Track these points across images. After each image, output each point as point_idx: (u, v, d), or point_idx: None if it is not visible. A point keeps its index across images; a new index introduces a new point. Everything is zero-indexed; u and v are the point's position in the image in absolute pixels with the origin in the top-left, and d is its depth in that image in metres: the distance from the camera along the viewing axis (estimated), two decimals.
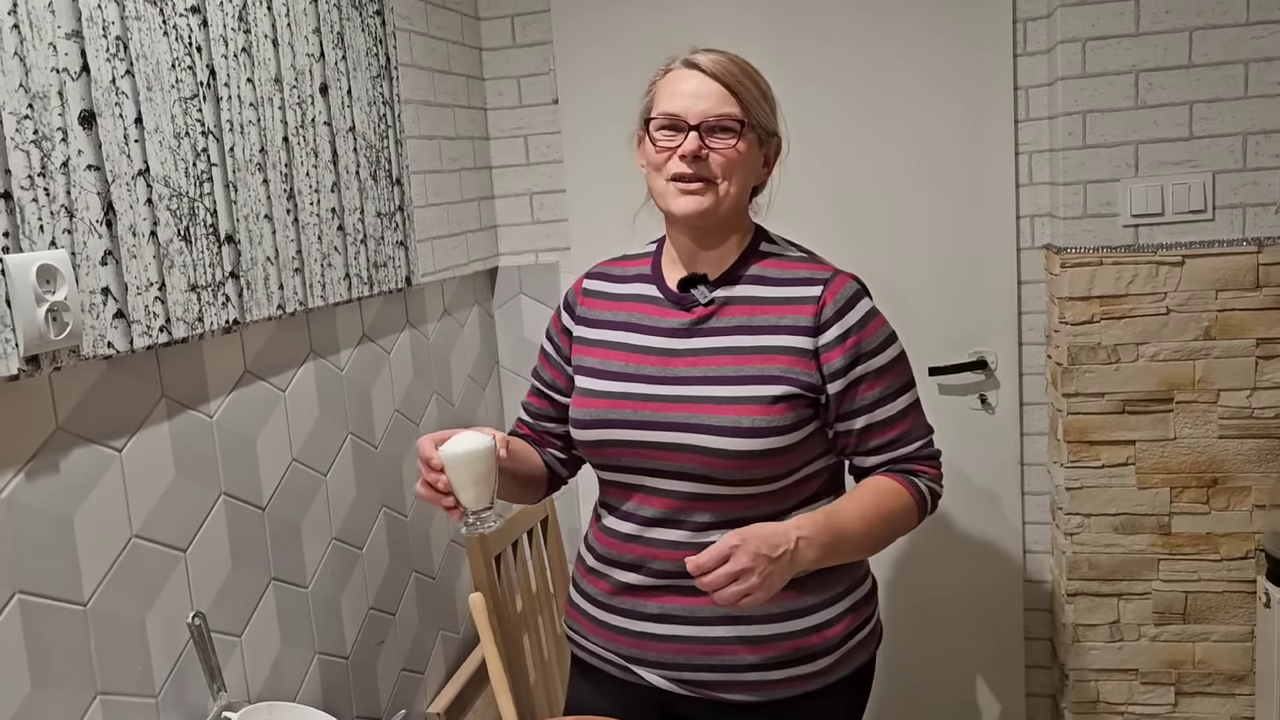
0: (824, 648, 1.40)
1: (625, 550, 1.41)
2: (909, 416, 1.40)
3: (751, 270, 1.40)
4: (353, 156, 1.81)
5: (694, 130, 1.32)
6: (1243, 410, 2.09)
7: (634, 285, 1.47)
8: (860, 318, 1.35)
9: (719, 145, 1.32)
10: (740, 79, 1.34)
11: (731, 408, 1.32)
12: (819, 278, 1.37)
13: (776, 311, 1.36)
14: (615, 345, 1.43)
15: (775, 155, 1.42)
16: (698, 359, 1.37)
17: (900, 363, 1.39)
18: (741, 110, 1.33)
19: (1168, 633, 2.19)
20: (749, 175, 1.38)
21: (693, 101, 1.32)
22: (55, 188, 1.14)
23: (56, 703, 1.16)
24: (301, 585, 1.66)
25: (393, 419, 2.00)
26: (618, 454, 1.40)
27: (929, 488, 1.42)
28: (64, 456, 1.19)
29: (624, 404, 1.38)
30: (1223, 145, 2.02)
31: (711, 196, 1.34)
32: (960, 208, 2.31)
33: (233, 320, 1.45)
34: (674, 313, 1.41)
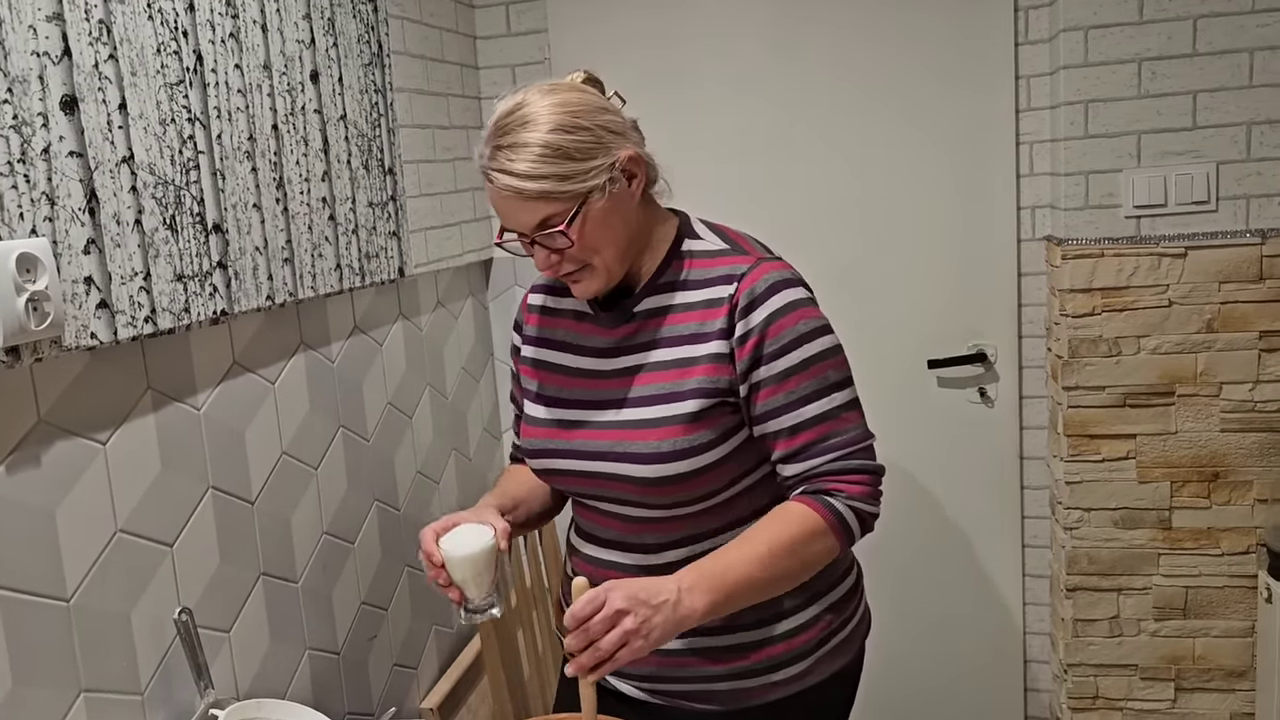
0: (797, 654, 1.34)
1: (588, 570, 1.39)
2: (824, 424, 1.25)
3: (672, 275, 1.31)
4: (344, 145, 1.78)
5: (532, 243, 1.24)
6: (1245, 404, 2.07)
7: (558, 297, 1.42)
8: (767, 315, 1.23)
9: (559, 244, 1.22)
10: (537, 172, 1.18)
11: (651, 431, 1.26)
12: (736, 273, 1.26)
13: (696, 317, 1.27)
14: (551, 367, 1.39)
15: (633, 164, 1.24)
16: (621, 380, 1.31)
17: (814, 364, 1.25)
18: (557, 204, 1.20)
19: (1168, 628, 2.18)
20: (619, 231, 1.25)
21: (508, 218, 1.24)
22: (35, 174, 1.11)
23: (39, 701, 1.14)
24: (292, 580, 1.64)
25: (385, 411, 1.98)
26: (562, 481, 1.38)
27: (850, 507, 1.24)
28: (46, 449, 1.16)
29: (559, 433, 1.34)
30: (1226, 135, 2.00)
31: (594, 277, 1.27)
32: (960, 198, 2.28)
33: (220, 311, 1.43)
34: (600, 330, 1.35)
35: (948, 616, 2.43)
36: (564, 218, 1.21)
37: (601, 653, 1.11)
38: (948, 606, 2.42)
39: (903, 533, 2.39)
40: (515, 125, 1.21)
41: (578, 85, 1.28)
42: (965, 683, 2.45)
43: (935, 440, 2.37)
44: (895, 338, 2.36)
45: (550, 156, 1.19)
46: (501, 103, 1.25)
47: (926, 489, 2.40)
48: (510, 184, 1.19)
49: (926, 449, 2.38)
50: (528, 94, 1.24)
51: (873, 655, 2.46)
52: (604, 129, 1.23)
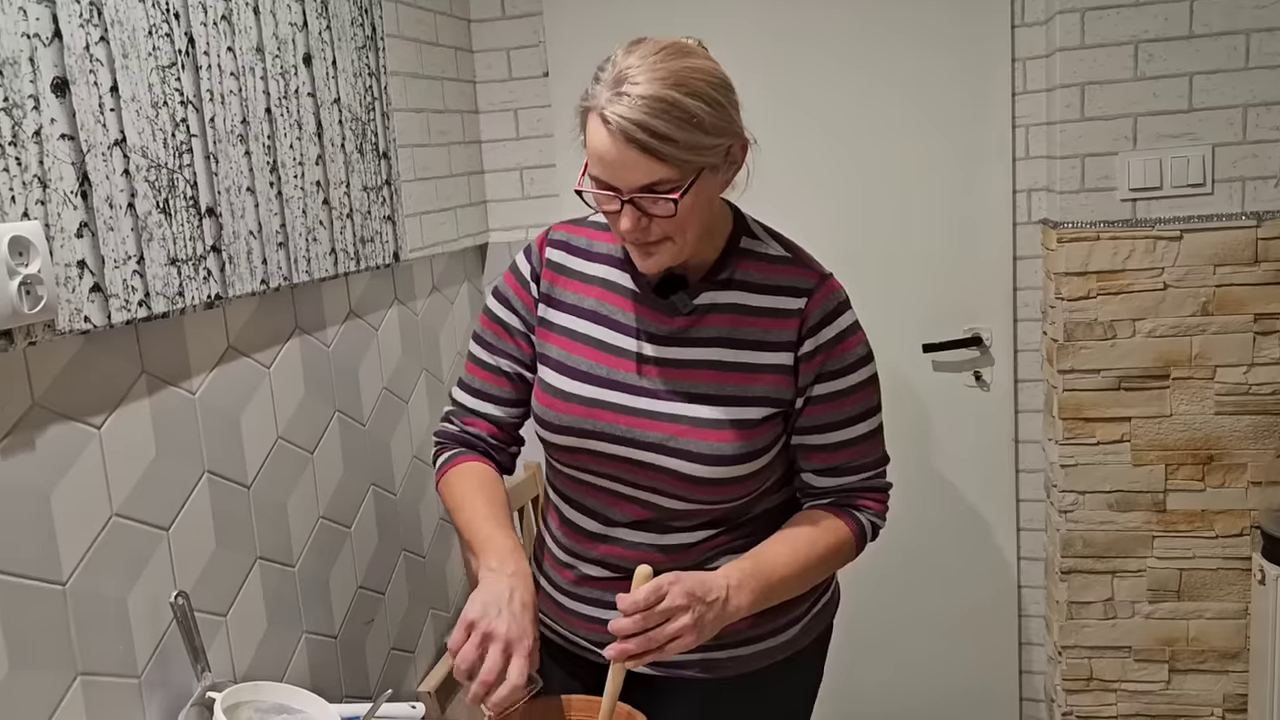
0: (787, 620, 1.38)
1: (590, 547, 1.36)
2: (863, 444, 1.31)
3: (734, 273, 1.28)
4: (338, 129, 1.77)
5: (628, 203, 1.15)
6: (1239, 386, 2.07)
7: (603, 267, 1.33)
8: (835, 335, 1.27)
9: (660, 211, 1.15)
10: (662, 131, 1.11)
11: (714, 432, 1.25)
12: (804, 286, 1.27)
13: (761, 324, 1.27)
14: (583, 338, 1.32)
15: (742, 153, 1.24)
16: (677, 371, 1.27)
17: (865, 388, 1.30)
18: (674, 169, 1.13)
19: (1161, 610, 2.19)
20: (706, 212, 1.22)
21: (615, 171, 1.14)
22: (27, 157, 1.11)
23: (36, 683, 1.14)
24: (288, 564, 1.64)
25: (381, 396, 1.97)
26: (588, 461, 1.32)
27: (870, 523, 1.33)
28: (40, 433, 1.16)
29: (598, 413, 1.28)
30: (1222, 117, 2.00)
31: (670, 253, 1.21)
32: (956, 182, 2.28)
33: (215, 295, 1.42)
34: (652, 314, 1.29)
35: (942, 599, 2.44)
36: (676, 186, 1.14)
37: (654, 643, 1.11)
38: (943, 589, 2.43)
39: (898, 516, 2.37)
40: (649, 77, 1.11)
41: (708, 55, 1.21)
42: (960, 665, 2.46)
43: (931, 424, 2.38)
44: (891, 321, 2.36)
45: (685, 120, 1.11)
46: (624, 52, 1.16)
47: (922, 473, 2.40)
48: (638, 136, 1.10)
49: (922, 433, 2.38)
50: (656, 50, 1.15)
51: (867, 639, 2.48)
52: (733, 108, 1.19)
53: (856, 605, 2.46)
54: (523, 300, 1.36)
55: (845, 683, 2.50)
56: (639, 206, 1.16)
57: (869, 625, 2.48)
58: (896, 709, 2.49)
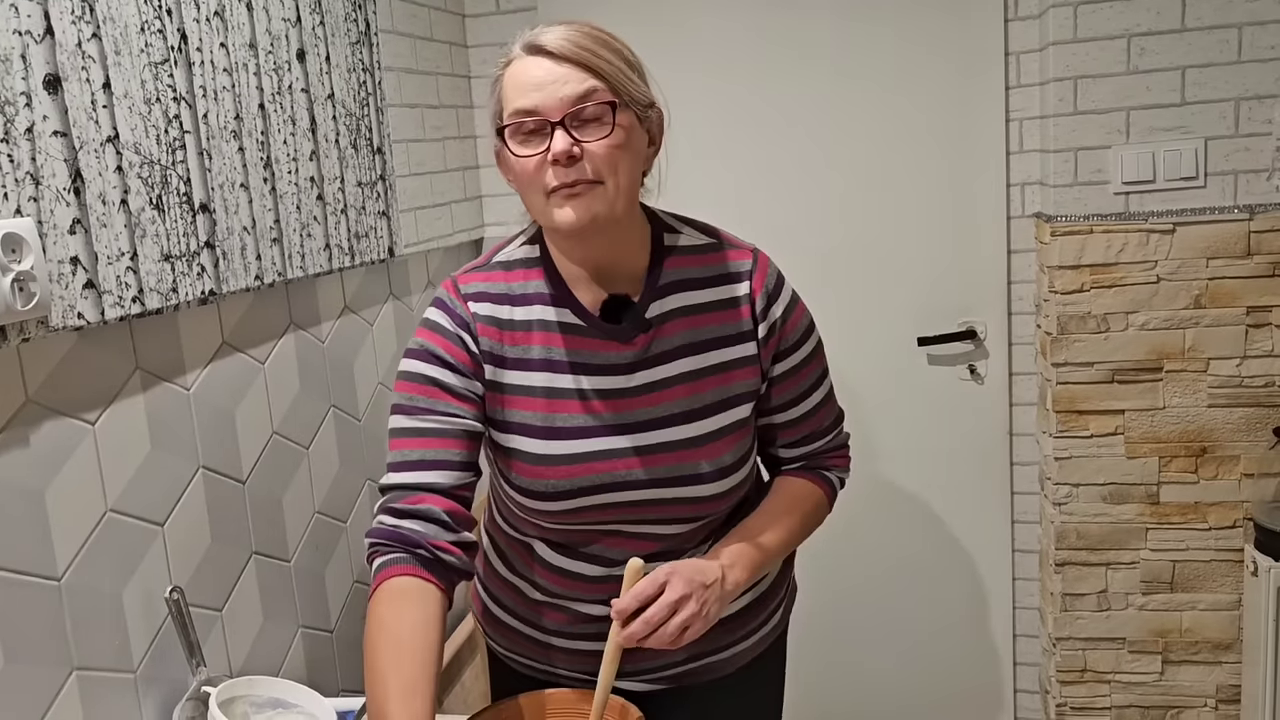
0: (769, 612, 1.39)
1: (590, 590, 1.28)
2: (823, 409, 1.33)
3: (670, 275, 1.22)
4: (332, 124, 1.78)
5: (559, 126, 1.09)
6: (1232, 379, 2.08)
7: (534, 308, 1.21)
8: (782, 312, 1.26)
9: (593, 137, 1.10)
10: (598, 51, 1.11)
11: (713, 446, 1.22)
12: (741, 269, 1.25)
13: (716, 319, 1.23)
14: (544, 391, 1.20)
15: (659, 130, 1.20)
16: (653, 395, 1.21)
17: (816, 355, 1.31)
18: (609, 88, 1.11)
19: (1155, 602, 2.20)
20: (635, 162, 1.16)
21: (548, 91, 1.10)
22: (19, 154, 1.11)
23: (31, 679, 1.14)
24: (284, 559, 1.65)
25: (376, 391, 1.98)
26: (588, 517, 1.23)
27: (839, 478, 1.37)
28: (34, 429, 1.16)
29: (591, 467, 1.19)
30: (1215, 111, 2.00)
31: (601, 199, 1.12)
32: (950, 176, 2.28)
33: (209, 291, 1.42)
34: (606, 344, 1.20)
35: (937, 591, 2.44)
36: (610, 99, 1.11)
37: (666, 638, 1.10)
38: (937, 581, 2.44)
39: (892, 510, 2.41)
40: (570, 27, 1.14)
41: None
42: (955, 656, 2.47)
43: (925, 417, 2.38)
44: (885, 315, 2.36)
45: (612, 50, 1.13)
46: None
47: (916, 466, 2.41)
48: (579, 43, 1.11)
49: (916, 426, 2.39)
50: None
51: (862, 632, 2.49)
52: (647, 73, 1.19)
53: (851, 598, 2.48)
54: (458, 357, 1.20)
55: (840, 675, 2.51)
56: (571, 133, 1.10)
57: (863, 617, 2.48)
58: (891, 700, 2.50)
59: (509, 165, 1.16)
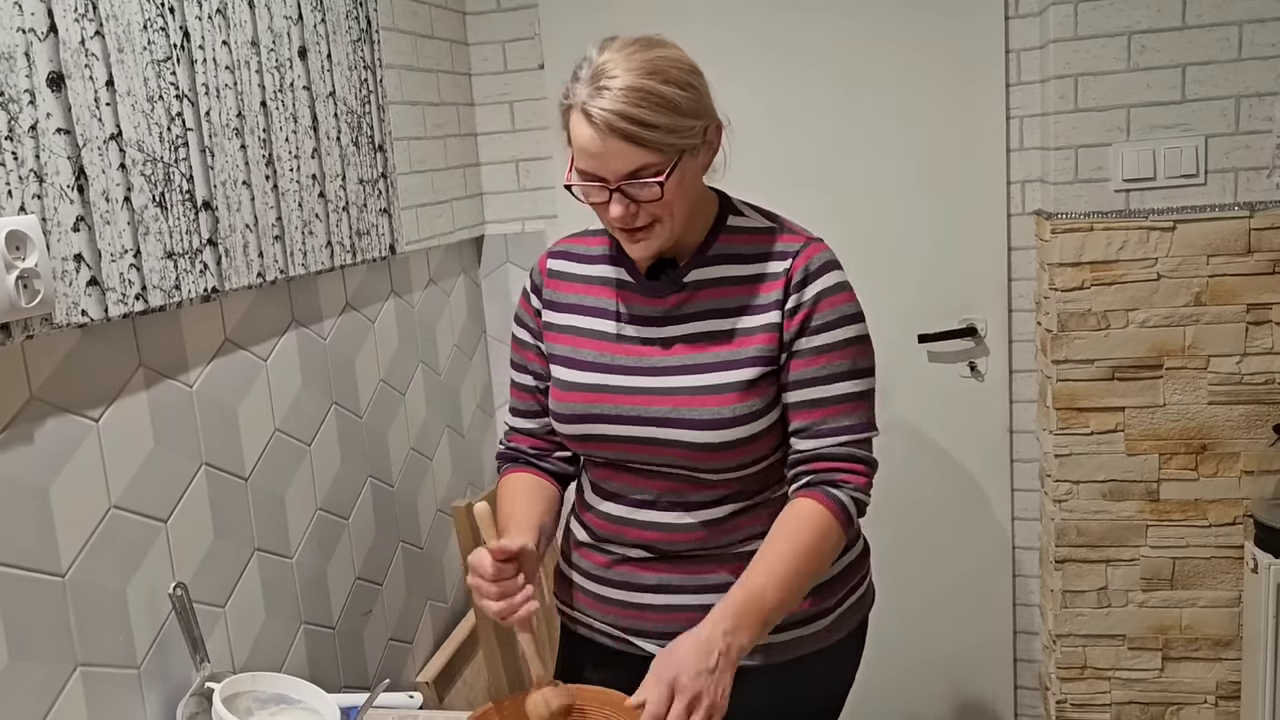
0: (820, 610, 1.40)
1: (617, 531, 1.39)
2: (843, 405, 1.30)
3: (721, 249, 1.33)
4: (333, 122, 1.78)
5: (615, 191, 1.21)
6: (1232, 376, 2.08)
7: (599, 266, 1.39)
8: (818, 291, 1.29)
9: (647, 195, 1.21)
10: (642, 119, 1.17)
11: (712, 398, 1.28)
12: (790, 250, 1.31)
13: (749, 290, 1.31)
14: (586, 332, 1.37)
15: (717, 135, 1.29)
16: (673, 348, 1.32)
17: (848, 346, 1.30)
18: (657, 154, 1.19)
19: (1155, 598, 2.20)
20: (693, 191, 1.27)
21: (600, 161, 1.20)
22: (24, 151, 1.11)
23: (36, 674, 1.15)
24: (286, 556, 1.65)
25: (378, 389, 1.98)
26: (601, 447, 1.36)
27: (854, 499, 1.29)
28: (39, 426, 1.17)
29: (603, 397, 1.33)
30: (1215, 108, 2.00)
31: (660, 236, 1.26)
32: (951, 173, 2.28)
33: (211, 288, 1.43)
34: (646, 299, 1.34)
35: (938, 589, 2.45)
36: (660, 169, 1.19)
37: None
38: (938, 579, 2.44)
39: (893, 506, 2.40)
40: (625, 69, 1.17)
41: (675, 45, 1.26)
42: (956, 653, 2.47)
43: (925, 414, 2.39)
44: (886, 312, 2.35)
45: (663, 106, 1.17)
46: (598, 50, 1.21)
47: (917, 463, 2.41)
48: (620, 126, 1.16)
49: (917, 423, 2.39)
50: (628, 44, 1.21)
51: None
52: (704, 92, 1.24)
53: None
54: (529, 314, 1.44)
55: None
56: (626, 194, 1.22)
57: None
58: (892, 696, 2.51)
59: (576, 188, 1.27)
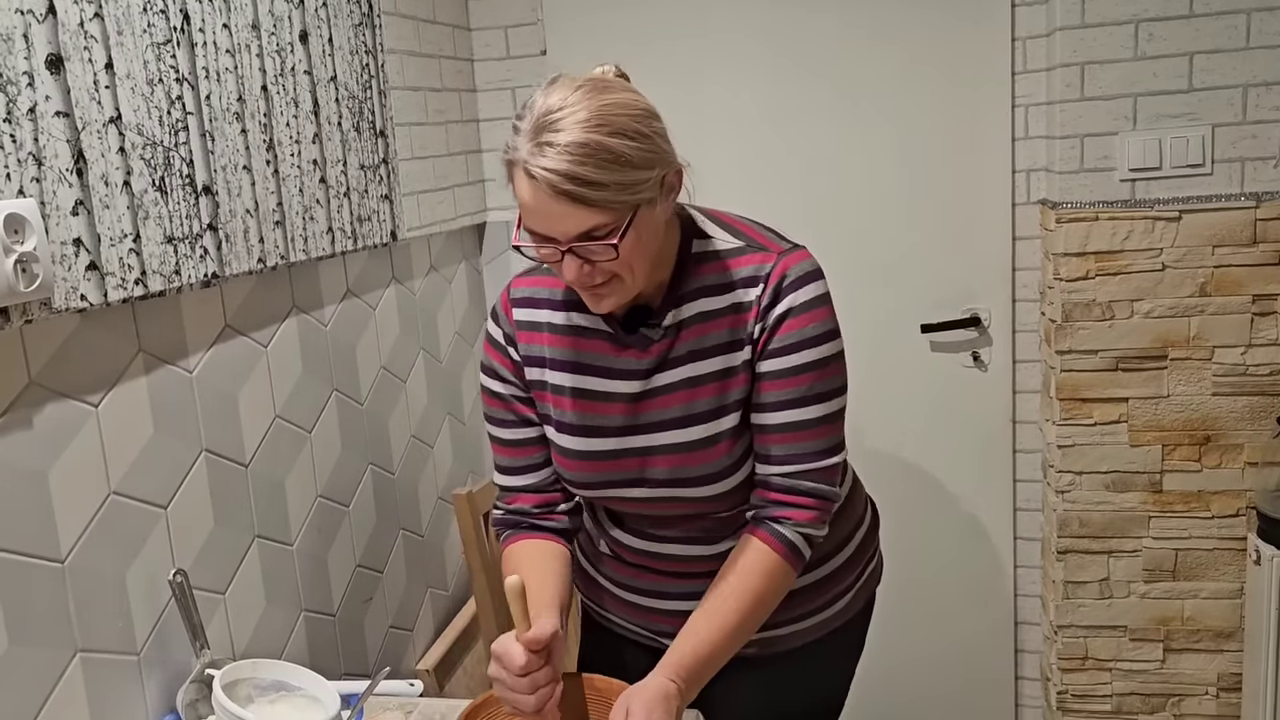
0: (837, 593, 1.42)
1: (644, 561, 1.38)
2: (797, 433, 1.22)
3: (692, 283, 1.24)
4: (334, 107, 1.77)
5: (568, 253, 1.11)
6: (1237, 367, 2.08)
7: (569, 314, 1.29)
8: (781, 314, 1.21)
9: (602, 256, 1.11)
10: (589, 178, 1.06)
11: (703, 453, 1.24)
12: (761, 273, 1.22)
13: (725, 324, 1.23)
14: (570, 392, 1.29)
15: (678, 180, 1.18)
16: (661, 399, 1.25)
17: (807, 372, 1.21)
18: (609, 214, 1.09)
19: (1157, 590, 2.20)
20: (652, 246, 1.17)
21: (549, 223, 1.10)
22: (22, 134, 1.10)
23: (35, 660, 1.14)
24: (286, 543, 1.65)
25: (379, 375, 1.97)
26: (615, 505, 1.36)
27: (802, 535, 1.23)
28: (38, 411, 1.16)
29: (606, 465, 1.29)
30: (1222, 98, 1.99)
31: (621, 290, 1.17)
32: (955, 162, 2.27)
33: (211, 274, 1.42)
34: (628, 352, 1.26)
35: (939, 579, 2.44)
36: (613, 229, 1.10)
37: None
38: (939, 569, 2.44)
39: (895, 497, 2.39)
40: (570, 122, 1.06)
41: (627, 85, 1.16)
42: (956, 644, 2.47)
43: (928, 405, 2.38)
44: (889, 302, 2.35)
45: (612, 162, 1.07)
46: (542, 94, 1.10)
47: (919, 453, 2.40)
48: (566, 188, 1.06)
49: (919, 413, 2.39)
50: (574, 89, 1.10)
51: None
52: (660, 137, 1.13)
53: None
54: (506, 367, 1.33)
55: None
56: (579, 255, 1.12)
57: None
58: (892, 686, 2.51)
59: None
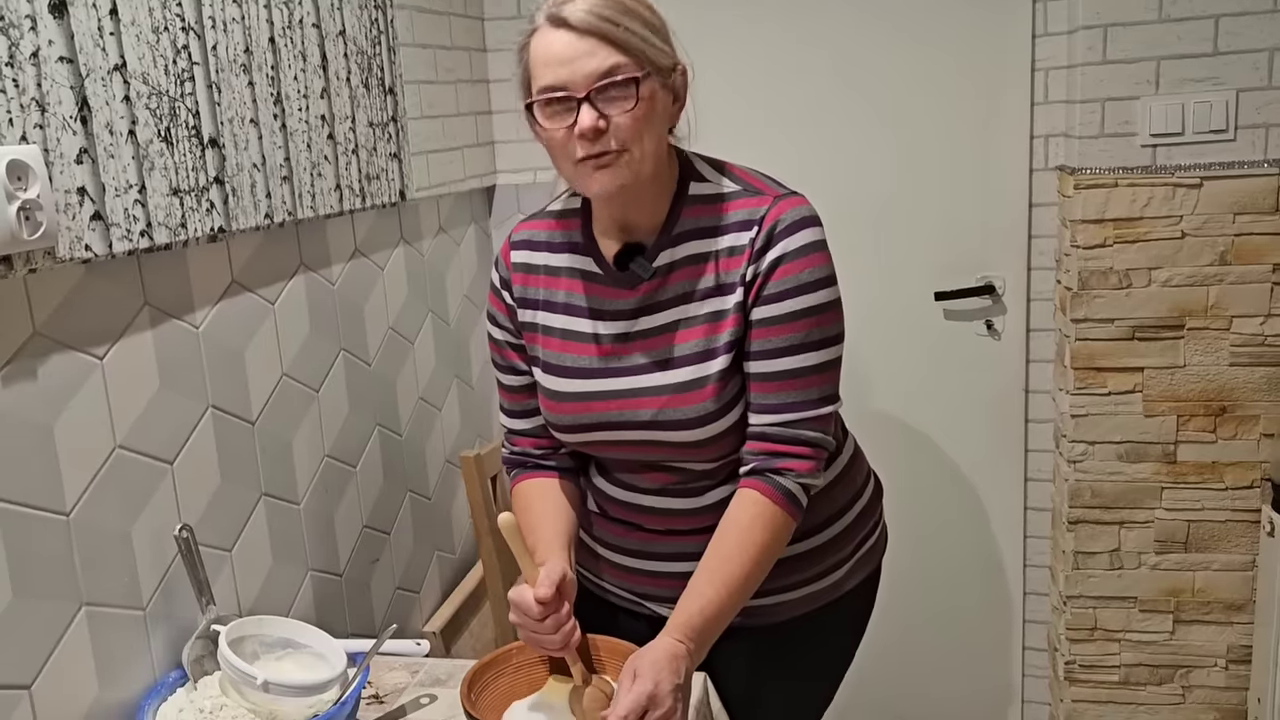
0: (832, 564, 1.39)
1: (629, 513, 1.39)
2: (795, 379, 1.22)
3: (687, 224, 1.25)
4: (343, 62, 1.74)
5: (584, 102, 1.13)
6: (1255, 338, 2.05)
7: (567, 256, 1.32)
8: (776, 258, 1.21)
9: (618, 110, 1.14)
10: (620, 21, 1.13)
11: (690, 395, 1.23)
12: (755, 216, 1.22)
13: (720, 267, 1.23)
14: (560, 333, 1.31)
15: (684, 88, 1.23)
16: (650, 340, 1.26)
17: (803, 318, 1.21)
18: (632, 60, 1.14)
19: (1168, 561, 2.18)
20: (662, 126, 1.20)
21: (572, 68, 1.13)
22: (25, 79, 1.08)
23: (40, 612, 1.13)
24: (293, 502, 1.64)
25: (387, 336, 1.96)
26: (600, 449, 1.35)
27: (799, 485, 1.23)
28: (42, 362, 1.15)
29: (592, 406, 1.29)
30: (1248, 61, 1.95)
31: (628, 167, 1.17)
32: (972, 127, 2.23)
33: (218, 228, 1.40)
34: (618, 292, 1.28)
35: (948, 549, 2.43)
36: (633, 74, 1.14)
37: None
38: (948, 539, 2.43)
39: (904, 466, 2.38)
40: None
41: None
42: (963, 614, 2.46)
43: (940, 373, 2.36)
44: (902, 269, 2.33)
45: (633, 15, 1.15)
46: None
47: (930, 422, 2.39)
48: (593, 22, 1.12)
49: (931, 382, 2.36)
50: None
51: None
52: (669, 31, 1.22)
53: None
54: (503, 312, 1.37)
55: None
56: (597, 106, 1.14)
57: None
58: (897, 655, 2.50)
59: (537, 132, 1.21)
